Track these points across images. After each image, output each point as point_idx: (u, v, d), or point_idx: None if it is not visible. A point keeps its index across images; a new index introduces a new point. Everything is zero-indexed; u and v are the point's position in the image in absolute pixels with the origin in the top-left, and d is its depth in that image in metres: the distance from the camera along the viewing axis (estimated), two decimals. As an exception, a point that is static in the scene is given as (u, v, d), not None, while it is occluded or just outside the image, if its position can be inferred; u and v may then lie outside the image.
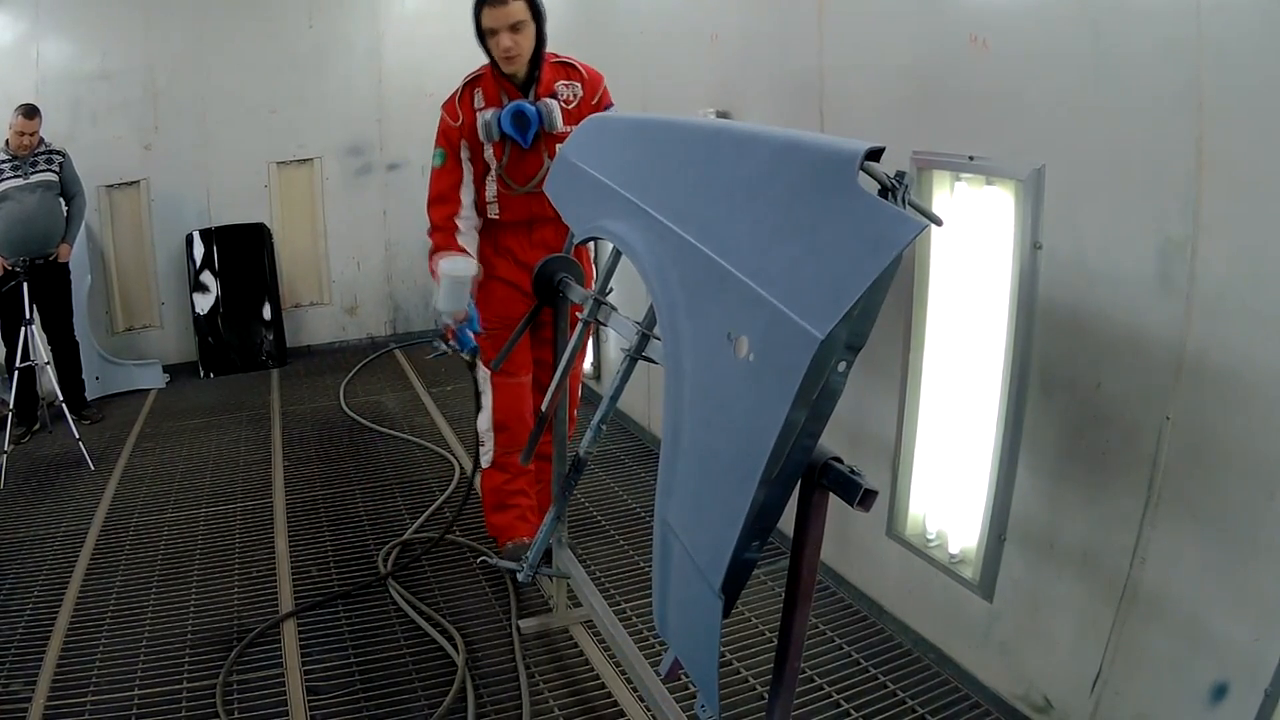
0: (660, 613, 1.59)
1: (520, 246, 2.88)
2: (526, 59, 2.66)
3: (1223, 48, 1.64)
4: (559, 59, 2.79)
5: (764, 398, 1.25)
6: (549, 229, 2.85)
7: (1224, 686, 1.76)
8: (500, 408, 2.92)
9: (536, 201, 2.73)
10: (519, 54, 2.63)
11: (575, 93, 2.76)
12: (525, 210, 2.81)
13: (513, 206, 2.81)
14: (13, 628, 2.81)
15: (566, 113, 2.72)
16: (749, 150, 1.57)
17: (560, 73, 2.76)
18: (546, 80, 2.73)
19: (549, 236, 2.86)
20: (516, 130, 2.67)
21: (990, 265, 2.21)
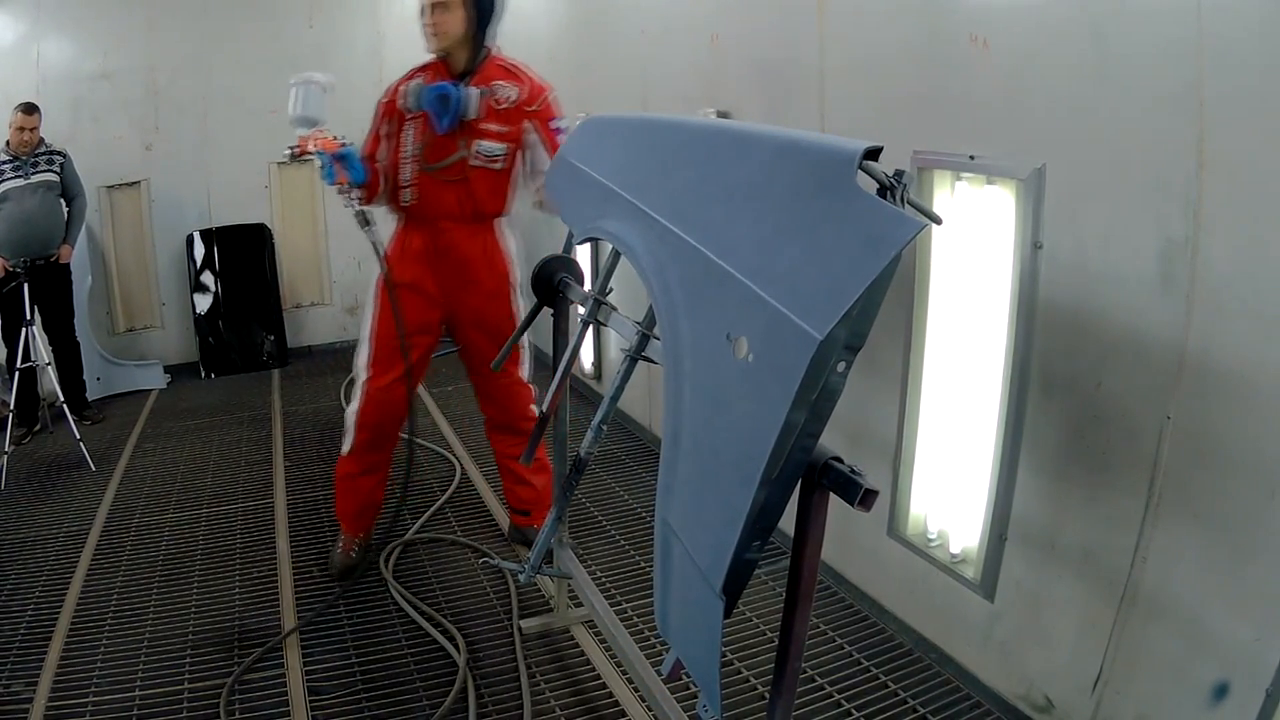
0: (661, 613, 1.59)
1: (426, 249, 2.87)
2: (452, 39, 2.68)
3: (1223, 48, 1.64)
4: (508, 63, 2.81)
5: (764, 398, 1.25)
6: (458, 231, 2.86)
7: (1225, 686, 1.76)
8: (367, 412, 2.93)
9: (449, 193, 2.79)
10: (439, 32, 2.66)
11: (511, 95, 2.76)
12: (436, 202, 2.81)
13: (426, 195, 2.81)
14: (14, 628, 2.81)
15: (495, 112, 2.73)
16: (748, 150, 1.57)
17: (503, 74, 2.78)
18: (485, 75, 2.74)
19: (457, 239, 2.87)
20: (436, 108, 2.67)
21: (991, 265, 2.21)
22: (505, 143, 2.79)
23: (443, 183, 2.77)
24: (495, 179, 2.84)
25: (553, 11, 5.11)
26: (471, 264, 2.92)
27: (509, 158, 2.83)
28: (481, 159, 2.79)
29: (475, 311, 2.96)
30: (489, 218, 2.92)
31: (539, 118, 2.80)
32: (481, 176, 2.81)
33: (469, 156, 2.75)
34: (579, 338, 2.39)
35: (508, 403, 3.09)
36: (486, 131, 2.75)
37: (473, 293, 2.93)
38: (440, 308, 2.92)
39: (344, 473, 3.06)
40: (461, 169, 2.77)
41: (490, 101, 2.72)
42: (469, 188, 2.81)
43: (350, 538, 3.09)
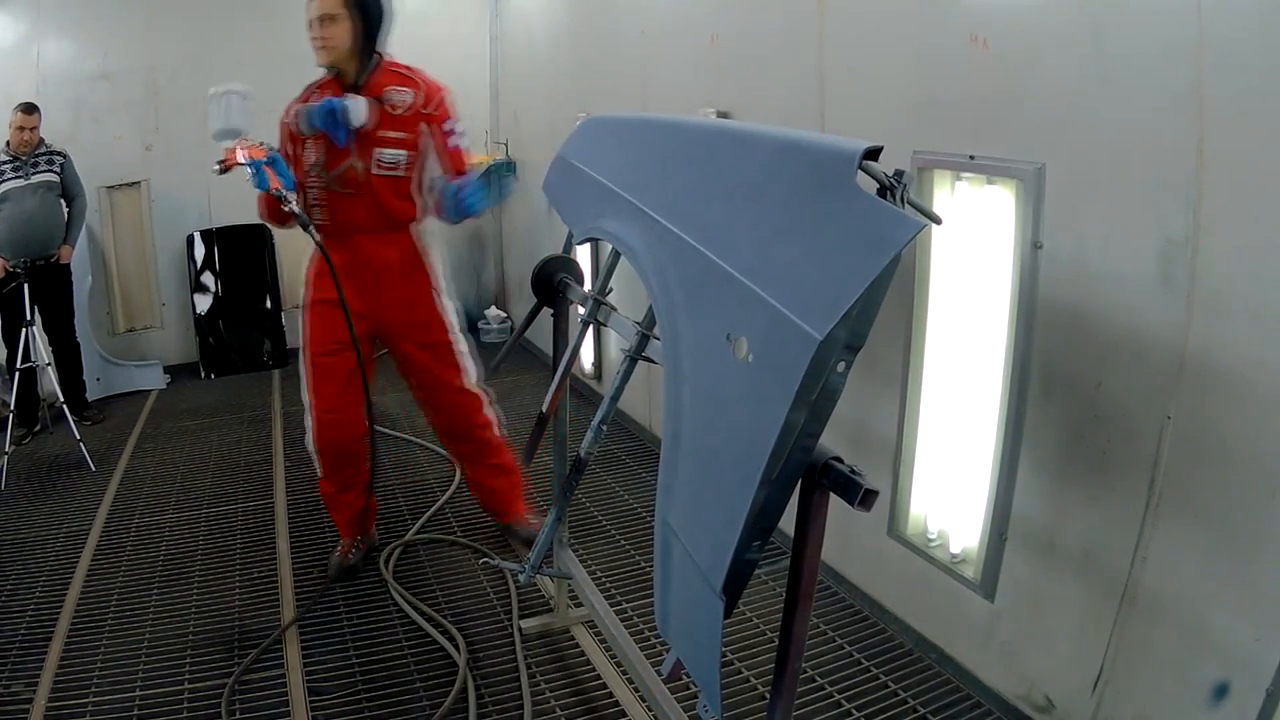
0: (662, 613, 1.59)
1: (344, 263, 2.75)
2: (340, 52, 2.66)
3: (1223, 48, 1.64)
4: (399, 67, 2.80)
5: (763, 398, 1.25)
6: (372, 242, 2.82)
7: (1225, 686, 1.76)
8: (320, 437, 2.91)
9: (357, 206, 2.75)
10: (327, 46, 2.64)
11: (406, 100, 2.74)
12: (346, 216, 2.78)
13: (335, 210, 2.79)
14: (14, 629, 2.81)
15: (391, 118, 2.71)
16: (748, 150, 1.57)
17: (396, 79, 2.77)
18: (377, 83, 2.72)
19: (372, 250, 2.83)
20: (329, 125, 2.64)
21: (991, 265, 2.21)
22: (405, 149, 2.76)
23: (348, 196, 2.74)
24: (401, 185, 2.80)
25: (553, 12, 5.12)
26: (389, 274, 2.87)
27: (409, 162, 2.79)
28: (384, 167, 2.75)
29: (400, 322, 2.92)
30: (402, 225, 2.88)
31: (434, 120, 2.78)
32: (386, 184, 2.78)
33: (359, 167, 2.71)
34: (579, 338, 2.39)
35: (454, 413, 3.04)
36: (385, 139, 2.73)
37: (394, 302, 2.89)
38: (367, 321, 2.85)
39: (325, 493, 3.09)
40: (357, 178, 2.73)
41: (386, 108, 2.70)
42: (375, 197, 2.77)
43: (348, 542, 3.10)
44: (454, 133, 2.82)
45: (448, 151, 2.80)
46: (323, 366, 2.85)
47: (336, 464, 2.94)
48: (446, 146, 2.79)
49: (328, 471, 2.97)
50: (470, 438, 3.05)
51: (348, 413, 2.86)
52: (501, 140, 6.14)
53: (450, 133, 2.80)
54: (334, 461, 2.94)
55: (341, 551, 3.08)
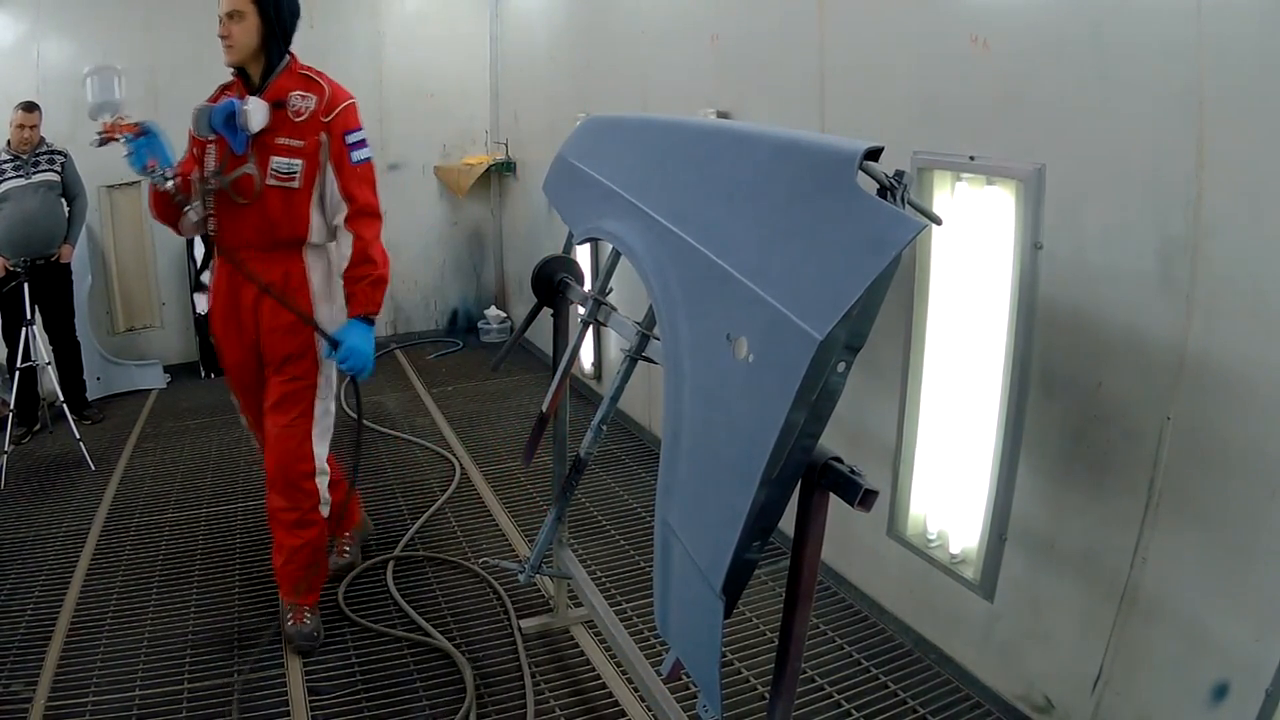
0: (661, 613, 1.59)
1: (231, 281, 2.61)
2: (244, 51, 2.47)
3: (1223, 48, 1.64)
4: (310, 71, 2.56)
5: (764, 398, 1.25)
6: (256, 261, 2.56)
7: (1225, 686, 1.76)
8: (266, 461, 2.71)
9: (246, 219, 2.52)
10: (232, 44, 2.46)
11: (308, 106, 2.50)
12: (235, 230, 2.54)
13: (225, 223, 2.55)
14: (14, 628, 2.81)
15: (290, 124, 2.48)
16: (748, 150, 1.57)
17: (300, 83, 2.52)
18: (281, 87, 2.50)
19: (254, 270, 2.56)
20: (226, 128, 2.44)
21: (991, 265, 2.21)
22: (300, 158, 2.49)
23: (240, 207, 2.51)
24: (292, 199, 2.52)
25: (553, 12, 5.12)
26: (266, 297, 2.58)
27: (305, 175, 2.51)
28: (277, 177, 2.49)
29: (271, 349, 2.63)
30: (292, 244, 2.58)
31: (333, 128, 2.50)
32: (277, 197, 2.51)
33: (255, 174, 2.48)
34: (579, 338, 2.39)
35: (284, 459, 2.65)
36: (281, 147, 2.48)
37: (268, 327, 2.61)
38: (249, 343, 2.65)
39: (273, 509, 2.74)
40: (253, 186, 2.49)
41: (287, 113, 2.48)
42: (264, 210, 2.51)
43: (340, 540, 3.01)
44: (357, 145, 2.55)
45: (347, 167, 2.52)
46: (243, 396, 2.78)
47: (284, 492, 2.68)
48: (347, 160, 2.52)
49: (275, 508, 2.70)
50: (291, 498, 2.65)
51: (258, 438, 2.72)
52: (501, 140, 6.14)
53: (352, 145, 2.53)
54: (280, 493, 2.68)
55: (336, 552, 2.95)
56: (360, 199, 2.55)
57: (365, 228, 2.57)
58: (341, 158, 2.52)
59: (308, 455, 2.66)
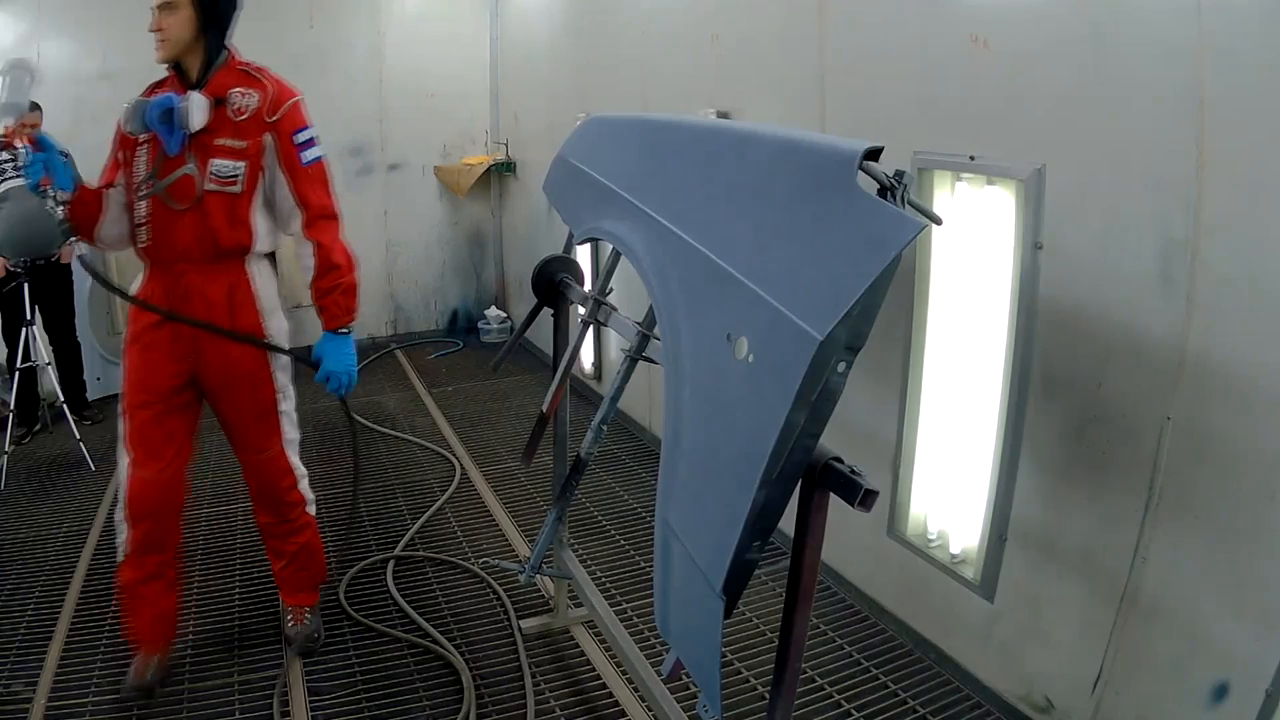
0: (662, 613, 1.59)
1: (165, 297, 2.36)
2: (178, 45, 2.26)
3: (1223, 48, 1.64)
4: (250, 67, 2.37)
5: (764, 398, 1.25)
6: (197, 274, 2.35)
7: (1225, 686, 1.76)
8: (132, 505, 2.37)
9: (184, 227, 2.30)
10: (165, 38, 2.25)
11: (250, 104, 2.30)
12: (171, 240, 2.32)
13: (160, 232, 2.32)
14: (14, 628, 2.81)
15: (232, 124, 2.28)
16: (749, 150, 1.57)
17: (243, 79, 2.33)
18: (221, 83, 2.30)
19: (196, 284, 2.35)
20: (162, 126, 2.24)
21: (991, 265, 2.21)
22: (243, 159, 2.30)
23: (176, 215, 2.29)
24: (234, 205, 2.32)
25: (553, 12, 5.12)
26: (214, 314, 2.37)
27: (248, 178, 2.32)
28: (218, 180, 2.29)
29: (222, 371, 2.41)
30: (234, 255, 2.38)
31: (280, 129, 2.32)
32: (218, 203, 2.30)
33: (197, 176, 2.27)
34: (579, 338, 2.39)
35: (261, 477, 2.56)
36: (221, 148, 2.28)
37: (214, 350, 2.39)
38: (185, 365, 2.39)
39: (125, 581, 2.45)
40: (192, 191, 2.28)
41: (227, 112, 2.28)
42: (205, 218, 2.30)
43: (146, 656, 2.46)
44: (307, 144, 2.36)
45: (298, 169, 2.35)
46: (139, 420, 2.37)
47: (147, 542, 2.39)
48: (297, 161, 2.34)
49: (135, 550, 2.40)
50: (273, 506, 2.60)
51: (165, 476, 2.37)
52: (501, 140, 6.14)
53: (302, 145, 2.35)
54: (145, 539, 2.39)
55: (137, 668, 2.44)
56: (316, 203, 2.39)
57: (325, 233, 2.41)
58: (292, 160, 2.34)
59: (287, 470, 2.58)
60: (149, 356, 2.36)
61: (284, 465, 2.56)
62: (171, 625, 2.55)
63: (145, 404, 2.36)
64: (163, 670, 2.49)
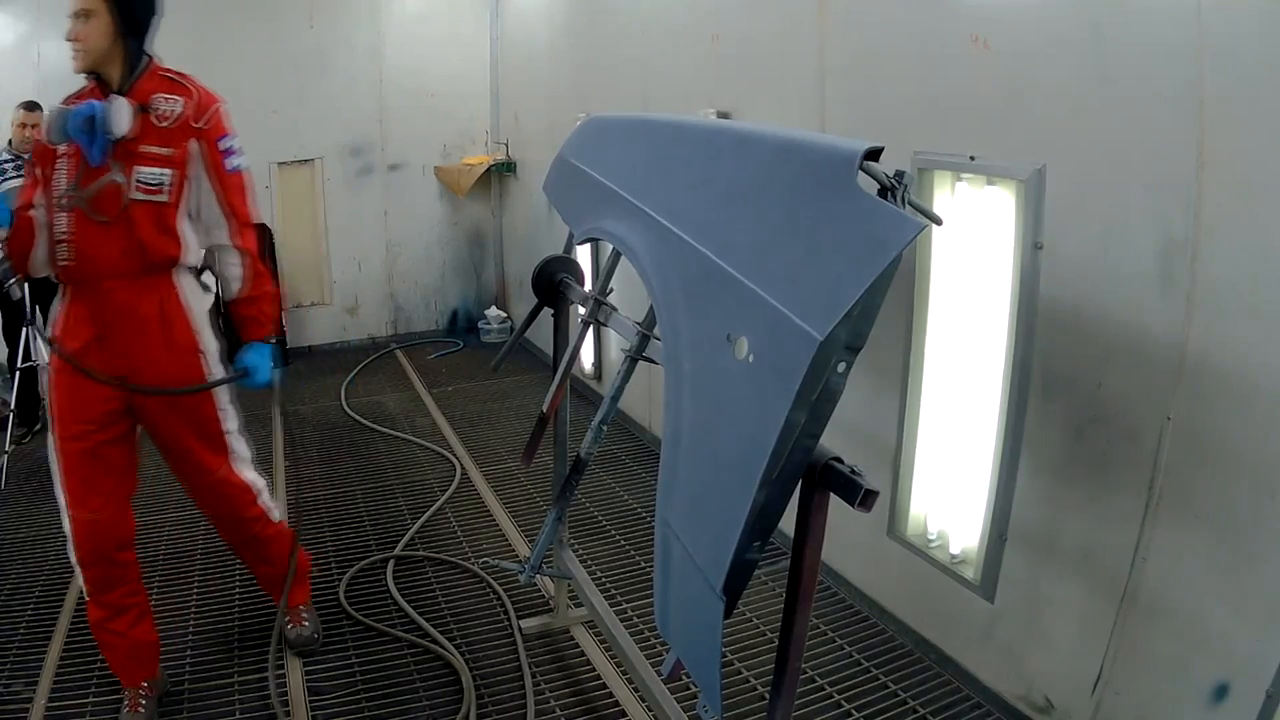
0: (662, 613, 1.59)
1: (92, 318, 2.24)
2: (97, 54, 2.19)
3: (1223, 48, 1.64)
4: (171, 74, 2.32)
5: (764, 399, 1.25)
6: (126, 290, 2.23)
7: (1225, 687, 1.76)
8: (79, 546, 2.28)
9: (110, 241, 2.19)
10: (82, 47, 2.18)
11: (175, 110, 2.24)
12: (96, 256, 2.20)
13: (84, 248, 2.20)
14: (14, 628, 2.81)
15: (156, 130, 2.21)
16: (749, 150, 1.57)
17: (165, 86, 2.27)
18: (144, 89, 2.23)
19: (125, 301, 2.24)
20: (84, 134, 2.15)
21: (991, 265, 2.21)
22: (169, 167, 2.22)
23: (101, 229, 2.18)
24: (161, 214, 2.23)
25: (553, 12, 5.12)
26: (146, 331, 2.27)
27: (175, 186, 2.24)
28: (144, 189, 2.20)
29: (160, 403, 2.32)
30: (163, 267, 2.28)
31: (207, 136, 2.27)
32: (145, 213, 2.21)
33: (123, 185, 2.18)
34: (579, 338, 2.39)
35: (221, 504, 2.48)
36: (146, 155, 2.20)
37: (149, 370, 2.28)
38: (119, 393, 2.27)
39: (93, 621, 2.38)
40: (117, 201, 2.17)
41: (151, 118, 2.21)
42: (132, 229, 2.20)
43: (134, 691, 2.39)
44: (230, 152, 2.31)
45: (223, 176, 2.29)
46: (73, 454, 2.25)
47: (103, 582, 2.31)
48: (222, 169, 2.29)
49: (94, 591, 2.32)
50: (242, 531, 2.54)
51: (108, 512, 2.26)
52: (501, 140, 6.14)
53: (226, 152, 2.30)
54: (101, 580, 2.31)
55: (129, 705, 2.36)
56: (241, 213, 2.34)
57: (250, 241, 2.38)
58: (219, 168, 2.28)
59: (243, 487, 2.48)
60: (79, 382, 2.22)
61: (237, 482, 2.46)
62: (151, 654, 2.44)
63: (78, 435, 2.24)
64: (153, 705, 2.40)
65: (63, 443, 2.26)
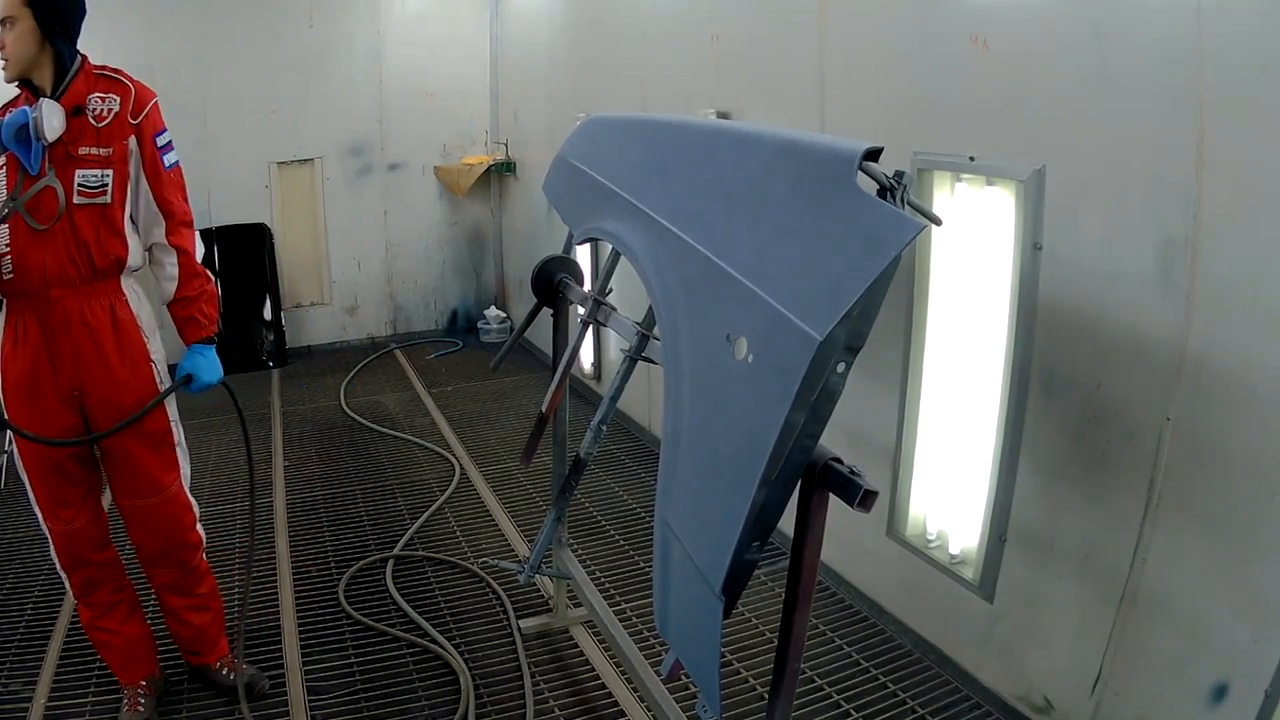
0: (661, 613, 1.59)
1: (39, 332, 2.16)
2: (25, 61, 2.14)
3: (1223, 48, 1.64)
4: (105, 71, 2.26)
5: (763, 399, 1.25)
6: (73, 299, 2.16)
7: (1224, 687, 1.76)
8: (63, 552, 2.31)
9: (54, 249, 2.12)
10: (7, 55, 2.13)
11: (111, 108, 2.18)
12: (40, 264, 2.11)
13: (26, 258, 2.11)
14: (13, 627, 2.81)
15: (93, 130, 2.15)
16: (748, 150, 1.57)
17: (100, 85, 2.21)
18: (79, 91, 2.17)
19: (73, 310, 2.16)
20: (19, 144, 2.09)
21: (991, 265, 2.21)
22: (108, 167, 2.16)
23: (42, 237, 2.11)
24: (108, 217, 2.17)
25: (553, 12, 5.12)
26: (98, 340, 2.19)
27: (116, 186, 2.18)
28: (85, 193, 2.14)
29: (109, 406, 2.22)
30: (111, 272, 2.20)
31: (144, 131, 2.21)
32: (88, 217, 2.14)
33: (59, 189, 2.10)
34: (579, 338, 2.39)
35: (159, 526, 2.34)
36: (85, 158, 2.13)
37: (103, 379, 2.21)
38: (73, 407, 2.21)
39: (85, 622, 2.40)
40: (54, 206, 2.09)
41: (88, 119, 2.15)
42: (75, 235, 2.13)
43: (132, 690, 2.38)
44: (168, 148, 2.26)
45: (161, 174, 2.23)
46: (36, 472, 2.25)
47: (86, 583, 2.32)
48: (160, 166, 2.23)
49: (79, 592, 2.34)
50: (175, 560, 2.39)
51: (80, 521, 2.27)
52: (501, 140, 6.14)
53: (163, 148, 2.24)
54: (83, 580, 2.32)
55: (129, 705, 2.36)
56: (179, 210, 2.27)
57: (187, 239, 2.29)
58: (156, 164, 2.22)
59: (187, 506, 2.40)
60: (36, 403, 2.18)
61: (184, 501, 2.38)
62: (147, 649, 2.43)
63: (40, 454, 2.21)
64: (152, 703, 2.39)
65: (26, 461, 2.25)
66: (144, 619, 2.46)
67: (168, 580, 2.41)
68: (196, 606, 2.46)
